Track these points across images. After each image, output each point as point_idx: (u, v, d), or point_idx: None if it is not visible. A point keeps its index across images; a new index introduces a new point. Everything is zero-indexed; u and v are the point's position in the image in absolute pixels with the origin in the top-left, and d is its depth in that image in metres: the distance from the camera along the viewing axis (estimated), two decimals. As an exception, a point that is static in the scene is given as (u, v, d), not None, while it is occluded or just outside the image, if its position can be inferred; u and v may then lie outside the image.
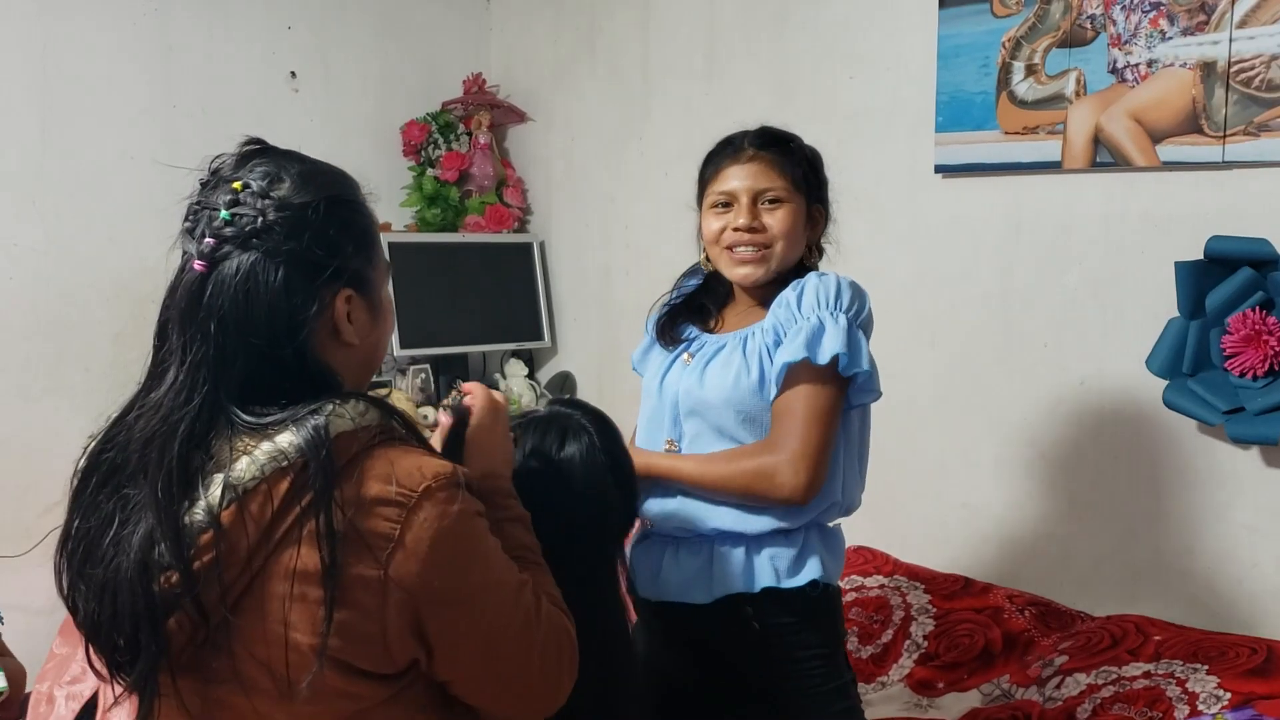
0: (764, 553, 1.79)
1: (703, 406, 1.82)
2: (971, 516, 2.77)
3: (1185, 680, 2.03)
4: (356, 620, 1.16)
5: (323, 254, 1.23)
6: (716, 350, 1.85)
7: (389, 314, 1.36)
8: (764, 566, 1.79)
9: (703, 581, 1.81)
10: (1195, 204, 2.32)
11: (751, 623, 1.79)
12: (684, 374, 1.86)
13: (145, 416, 1.21)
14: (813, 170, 1.88)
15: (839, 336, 1.71)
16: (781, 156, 1.84)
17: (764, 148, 1.84)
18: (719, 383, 1.80)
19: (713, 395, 1.80)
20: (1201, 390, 2.23)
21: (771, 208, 1.82)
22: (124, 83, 3.30)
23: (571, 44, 3.79)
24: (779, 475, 1.71)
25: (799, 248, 1.86)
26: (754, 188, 1.82)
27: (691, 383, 1.84)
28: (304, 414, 1.18)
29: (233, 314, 1.20)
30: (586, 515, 1.51)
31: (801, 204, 1.85)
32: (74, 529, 1.24)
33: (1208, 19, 2.25)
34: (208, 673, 1.20)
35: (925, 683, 2.38)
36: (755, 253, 1.82)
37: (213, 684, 1.20)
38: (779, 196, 1.82)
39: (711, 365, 1.83)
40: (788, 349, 1.73)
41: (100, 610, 1.19)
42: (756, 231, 1.81)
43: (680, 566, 1.83)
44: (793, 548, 1.79)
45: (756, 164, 1.83)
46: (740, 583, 1.78)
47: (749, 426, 1.79)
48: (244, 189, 1.23)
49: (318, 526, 1.14)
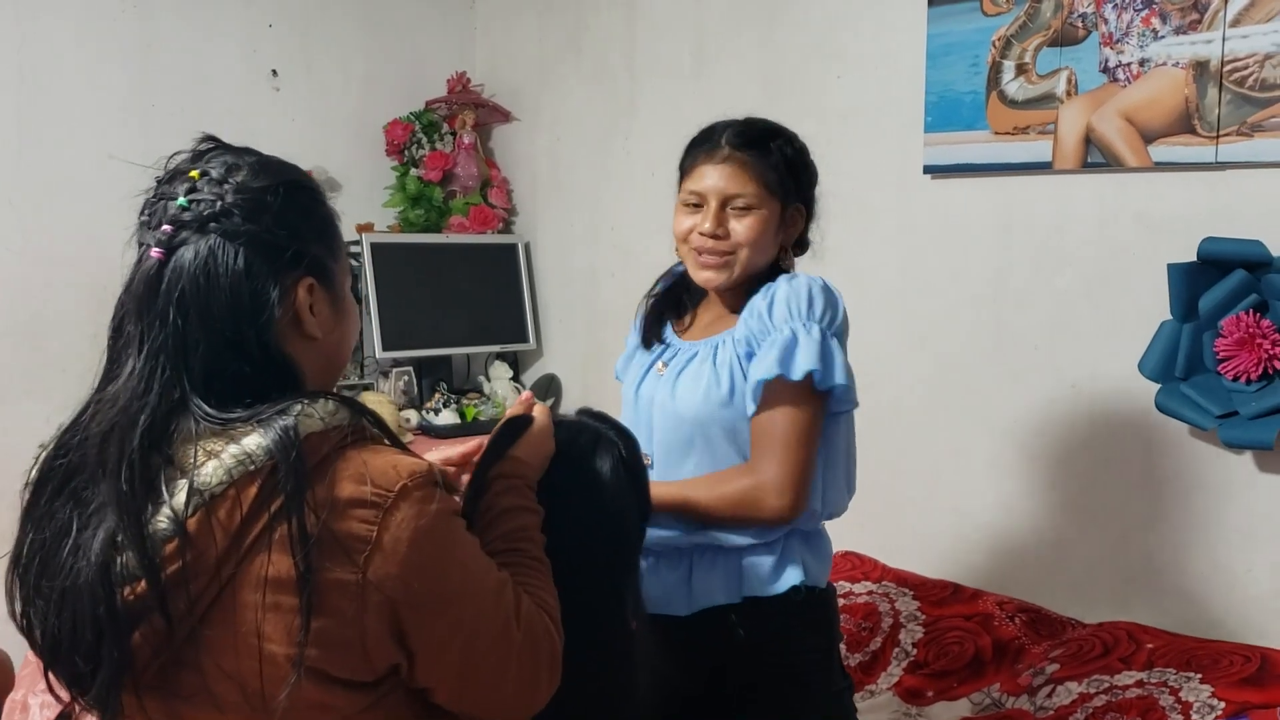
0: (744, 562, 1.76)
1: (674, 419, 1.79)
2: (961, 522, 2.74)
3: (1179, 689, 2.00)
4: (334, 627, 1.12)
5: (283, 236, 1.21)
6: (688, 360, 1.82)
7: (352, 313, 1.33)
8: (745, 576, 1.76)
9: (682, 594, 1.78)
10: (1188, 205, 2.29)
11: (737, 629, 1.76)
12: (658, 384, 1.84)
13: (102, 412, 1.16)
14: (792, 170, 1.81)
15: (813, 350, 1.68)
16: (757, 159, 1.77)
17: (741, 147, 1.77)
18: (689, 397, 1.77)
19: (683, 408, 1.77)
20: (1194, 394, 2.20)
21: (740, 214, 1.77)
22: (102, 81, 3.26)
23: (557, 42, 3.75)
24: (764, 499, 1.69)
25: (767, 254, 1.81)
26: (724, 192, 1.77)
27: (664, 395, 1.81)
28: (270, 414, 1.14)
29: (193, 298, 1.16)
30: (605, 528, 1.48)
31: (775, 208, 1.79)
32: (27, 543, 1.19)
33: (1200, 17, 2.22)
34: (175, 689, 1.16)
35: (914, 691, 2.35)
36: (718, 259, 1.78)
37: (180, 701, 1.16)
38: (749, 204, 1.76)
39: (683, 377, 1.80)
40: (761, 365, 1.70)
41: (60, 624, 1.14)
42: (720, 239, 1.77)
43: (660, 579, 1.79)
44: (772, 555, 1.76)
45: (730, 166, 1.77)
46: (721, 594, 1.76)
47: (720, 439, 1.76)
48: (202, 176, 1.21)
49: (290, 531, 1.10)
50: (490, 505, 1.34)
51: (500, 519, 1.33)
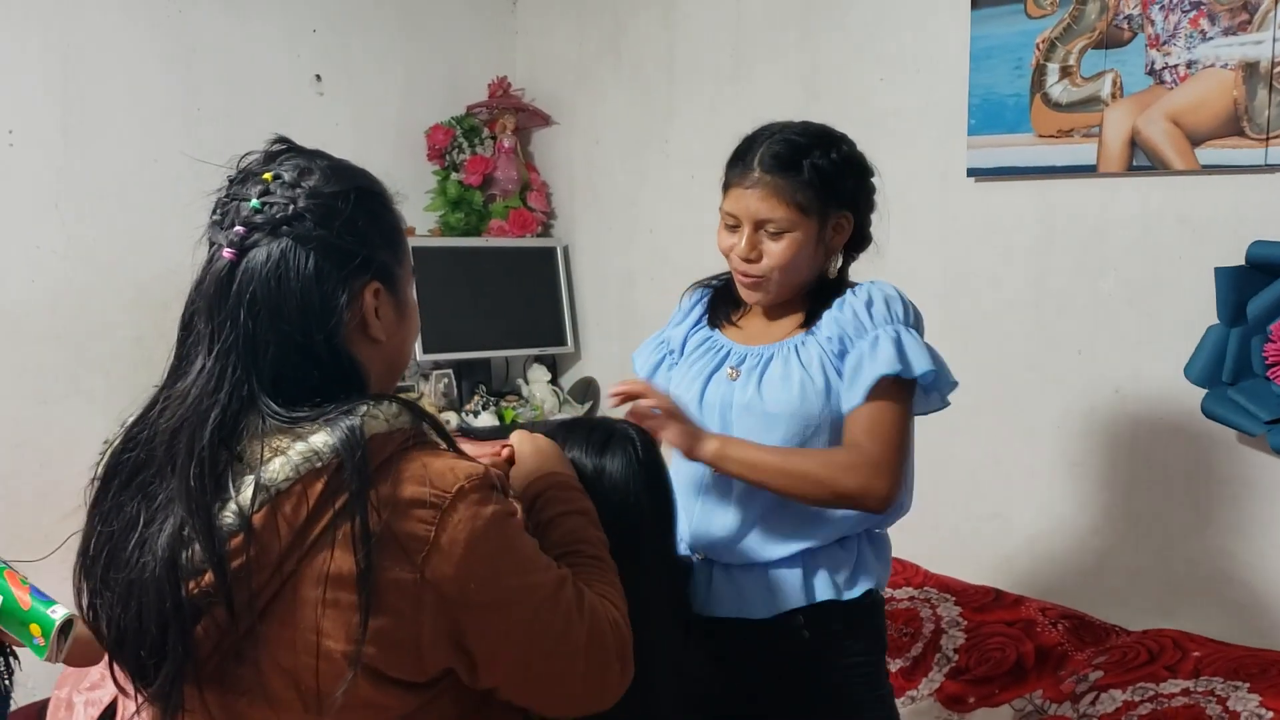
0: (822, 567, 1.77)
1: (764, 420, 1.76)
2: (1003, 527, 2.72)
3: (1226, 698, 1.97)
4: (391, 626, 1.13)
5: (353, 241, 1.22)
6: (764, 362, 1.80)
7: (414, 316, 1.34)
8: (822, 581, 1.77)
9: (760, 596, 1.77)
10: (1236, 208, 2.26)
11: (802, 631, 1.77)
12: (733, 388, 1.81)
13: (172, 407, 1.18)
14: (828, 183, 1.76)
15: (924, 352, 1.72)
16: (788, 182, 1.73)
17: (771, 170, 1.74)
18: (783, 395, 1.75)
19: (777, 407, 1.75)
20: (1242, 399, 2.18)
21: (774, 237, 1.76)
22: (146, 85, 3.29)
23: (596, 45, 3.76)
24: (871, 475, 1.69)
25: (805, 272, 1.80)
26: (755, 216, 1.75)
27: (747, 397, 1.78)
28: (336, 414, 1.15)
29: (264, 300, 1.18)
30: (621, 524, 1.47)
31: (811, 227, 1.76)
32: (95, 536, 1.20)
33: (1250, 18, 2.20)
34: (231, 684, 1.17)
35: (956, 697, 2.34)
36: (754, 280, 1.79)
37: (235, 695, 1.18)
38: (781, 228, 1.74)
39: (768, 377, 1.78)
40: (880, 360, 1.70)
41: (125, 616, 1.15)
42: (754, 262, 1.77)
43: (734, 583, 1.79)
44: (849, 559, 1.78)
45: (760, 190, 1.74)
46: (801, 597, 1.76)
47: (814, 437, 1.75)
48: (274, 179, 1.22)
49: (353, 529, 1.11)
50: (535, 524, 1.35)
51: (547, 531, 1.34)
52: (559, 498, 1.37)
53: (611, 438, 1.55)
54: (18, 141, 3.10)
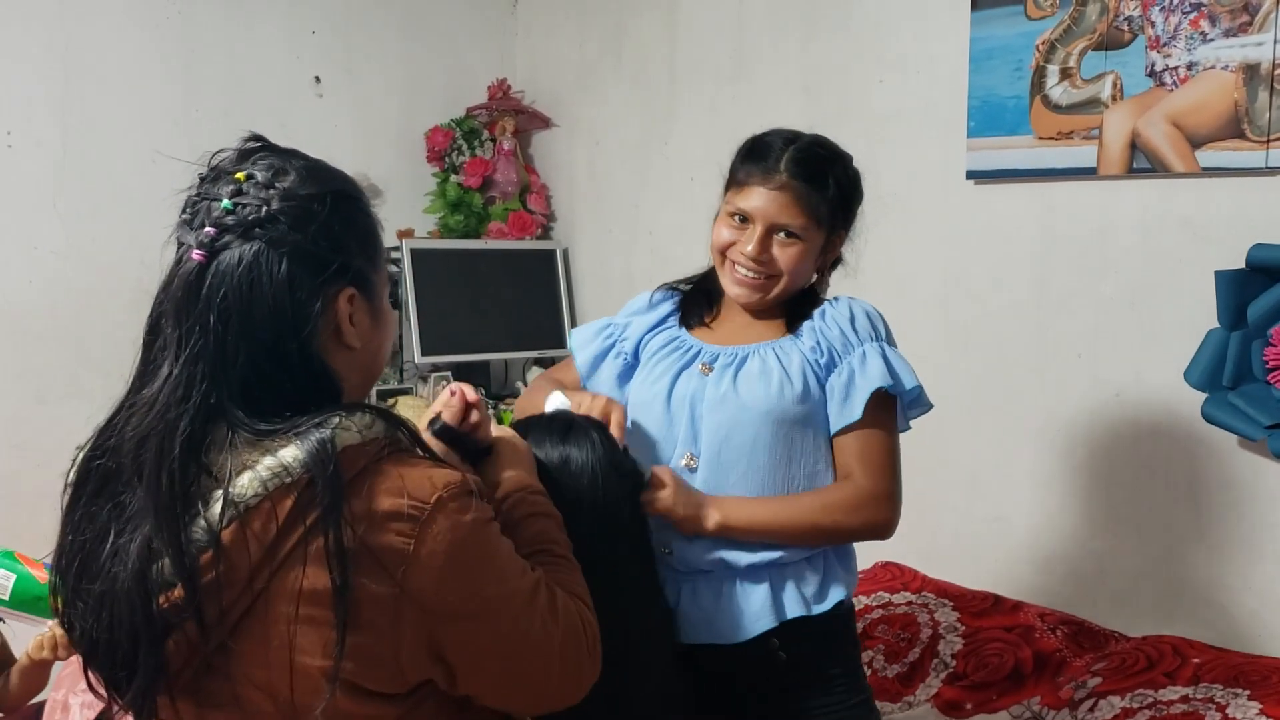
0: (789, 582, 1.73)
1: (740, 415, 1.73)
2: (1003, 531, 2.70)
3: (1225, 705, 1.96)
4: (369, 641, 1.12)
5: (327, 247, 1.19)
6: (740, 360, 1.78)
7: (390, 321, 1.32)
8: (791, 597, 1.72)
9: (729, 619, 1.73)
10: (1237, 211, 2.25)
11: (778, 653, 1.73)
12: (705, 383, 1.77)
13: (138, 415, 1.15)
14: (844, 201, 1.77)
15: (908, 369, 1.74)
16: (814, 191, 1.72)
17: (798, 177, 1.72)
18: (761, 391, 1.73)
19: (754, 402, 1.73)
20: (1243, 404, 2.16)
21: (786, 242, 1.74)
22: (146, 86, 3.29)
23: (596, 47, 3.75)
24: (874, 514, 1.71)
25: (804, 280, 1.80)
26: (773, 219, 1.73)
27: (721, 391, 1.75)
28: (307, 426, 1.12)
29: (235, 306, 1.14)
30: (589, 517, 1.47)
31: (820, 239, 1.76)
32: (68, 544, 1.19)
33: (1251, 20, 2.18)
34: (205, 697, 1.16)
35: (953, 703, 2.32)
36: (756, 279, 1.76)
37: (211, 708, 1.16)
38: (796, 234, 1.73)
39: (744, 374, 1.75)
40: (872, 375, 1.70)
41: (97, 627, 1.14)
42: (762, 264, 1.75)
43: (701, 607, 1.74)
44: (817, 573, 1.74)
45: (785, 195, 1.72)
46: (771, 616, 1.71)
47: (787, 435, 1.73)
48: (248, 179, 1.19)
49: (326, 545, 1.08)
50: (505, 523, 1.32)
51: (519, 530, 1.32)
52: (529, 500, 1.35)
53: (572, 427, 1.56)
54: (17, 142, 3.11)
